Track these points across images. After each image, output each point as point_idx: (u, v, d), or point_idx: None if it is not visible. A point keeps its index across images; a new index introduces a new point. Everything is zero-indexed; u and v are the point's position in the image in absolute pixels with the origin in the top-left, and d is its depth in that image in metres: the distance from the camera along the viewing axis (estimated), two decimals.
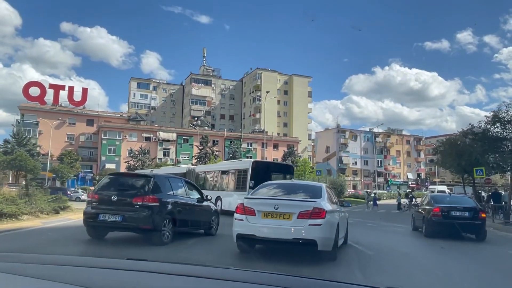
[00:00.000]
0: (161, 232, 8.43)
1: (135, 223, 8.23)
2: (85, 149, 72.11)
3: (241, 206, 7.33)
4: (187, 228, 9.97)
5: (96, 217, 8.40)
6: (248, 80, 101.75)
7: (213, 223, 11.04)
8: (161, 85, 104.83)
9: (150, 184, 8.67)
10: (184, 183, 10.48)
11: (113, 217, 8.24)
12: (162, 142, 72.69)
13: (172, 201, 9.02)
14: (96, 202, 8.68)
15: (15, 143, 56.40)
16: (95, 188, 9.86)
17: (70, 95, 73.48)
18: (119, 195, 8.50)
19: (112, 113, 79.15)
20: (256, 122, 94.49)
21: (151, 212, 8.26)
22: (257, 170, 19.55)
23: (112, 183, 9.12)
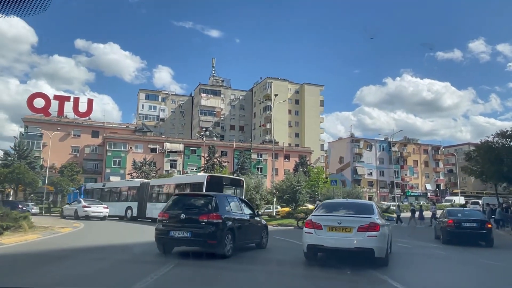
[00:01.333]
0: (224, 245, 9.16)
1: (202, 238, 8.94)
2: (90, 162, 69.35)
3: (309, 222, 8.77)
4: (243, 242, 10.60)
5: (168, 234, 9.17)
6: (258, 90, 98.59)
7: (264, 237, 11.79)
8: (170, 96, 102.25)
9: (213, 203, 9.53)
10: (239, 200, 11.35)
11: (183, 233, 9.02)
12: (169, 153, 69.53)
13: (232, 218, 9.79)
14: (166, 220, 9.46)
15: (15, 155, 53.72)
16: (164, 207, 10.20)
17: (75, 106, 71.05)
18: (186, 213, 9.27)
19: (118, 124, 76.57)
20: (266, 133, 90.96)
21: (215, 228, 9.00)
22: (211, 183, 21.17)
23: (179, 202, 10.01)
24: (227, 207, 9.94)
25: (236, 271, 8.14)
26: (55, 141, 66.83)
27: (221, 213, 9.38)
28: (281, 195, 32.13)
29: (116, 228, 19.76)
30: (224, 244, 9.13)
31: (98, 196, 33.20)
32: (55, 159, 61.80)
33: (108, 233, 15.22)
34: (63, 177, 51.68)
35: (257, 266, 8.95)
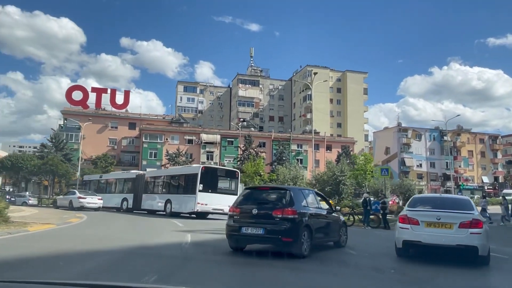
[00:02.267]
0: (301, 244, 8.28)
1: (276, 235, 8.15)
2: (127, 154, 68.13)
3: (405, 217, 8.54)
4: (321, 240, 9.68)
5: (239, 230, 8.46)
6: (298, 79, 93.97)
7: (342, 234, 10.87)
8: (208, 88, 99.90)
9: (287, 197, 8.69)
10: (314, 194, 10.37)
11: (255, 230, 8.28)
12: (205, 144, 66.91)
13: (308, 213, 8.87)
14: (238, 215, 8.71)
15: (52, 147, 52.95)
16: (235, 202, 9.35)
17: (113, 98, 70.10)
18: (259, 209, 8.50)
19: (154, 116, 74.89)
20: (307, 123, 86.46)
21: (291, 225, 8.17)
22: (206, 174, 20.71)
23: (251, 196, 9.27)
24: (302, 202, 9.00)
25: (320, 273, 7.17)
26: (93, 133, 66.10)
27: (297, 208, 8.48)
28: (322, 187, 28.14)
29: (122, 222, 16.92)
30: (300, 242, 8.26)
31: (95, 188, 32.91)
32: (93, 151, 60.82)
33: (122, 230, 12.47)
34: (96, 169, 50.16)
35: (348, 268, 7.91)
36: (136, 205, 26.34)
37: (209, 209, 20.53)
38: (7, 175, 51.37)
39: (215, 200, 20.24)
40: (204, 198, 20.13)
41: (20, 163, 45.79)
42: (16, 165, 45.71)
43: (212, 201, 20.20)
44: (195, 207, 20.13)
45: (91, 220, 15.98)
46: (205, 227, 15.38)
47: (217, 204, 20.16)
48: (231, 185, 21.80)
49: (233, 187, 21.87)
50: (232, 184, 21.90)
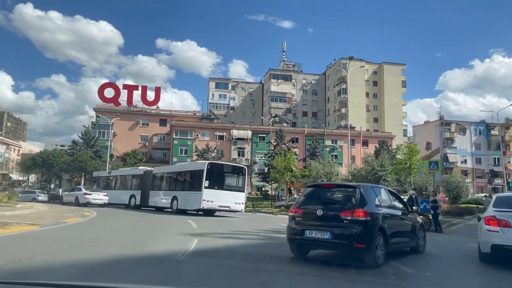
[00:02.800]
0: (375, 251, 7.06)
1: (346, 240, 7.00)
2: (158, 150, 67.25)
3: (493, 218, 7.69)
4: (397, 246, 8.20)
5: (302, 234, 7.41)
6: (332, 73, 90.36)
7: (420, 238, 9.45)
8: (240, 84, 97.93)
9: (357, 195, 7.50)
10: (387, 192, 8.87)
11: (321, 234, 7.21)
12: (236, 140, 64.86)
13: (382, 214, 7.59)
14: (300, 217, 7.66)
15: (82, 144, 52.54)
16: (297, 202, 8.24)
17: (144, 95, 69.44)
18: (324, 209, 7.37)
19: (185, 112, 73.69)
20: (341, 118, 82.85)
21: (363, 228, 6.97)
22: (212, 171, 20.13)
23: (314, 195, 8.15)
24: (375, 201, 7.81)
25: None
26: (124, 130, 65.66)
27: (369, 208, 7.33)
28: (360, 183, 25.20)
29: (124, 221, 15.00)
30: (374, 248, 7.08)
31: (104, 184, 32.62)
32: (125, 148, 60.11)
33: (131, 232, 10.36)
34: (125, 165, 49.17)
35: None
36: (144, 202, 25.89)
37: (215, 206, 20.01)
38: (40, 171, 51.35)
39: (221, 197, 19.80)
40: (210, 195, 19.61)
41: (51, 160, 45.45)
42: (47, 161, 45.38)
43: (219, 198, 19.72)
44: (201, 204, 19.58)
45: (90, 221, 13.91)
46: (220, 229, 13.10)
47: (223, 201, 19.80)
48: (238, 182, 21.30)
49: (240, 184, 21.34)
50: (239, 181, 21.38)
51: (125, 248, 8.08)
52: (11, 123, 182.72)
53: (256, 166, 62.78)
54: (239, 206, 20.84)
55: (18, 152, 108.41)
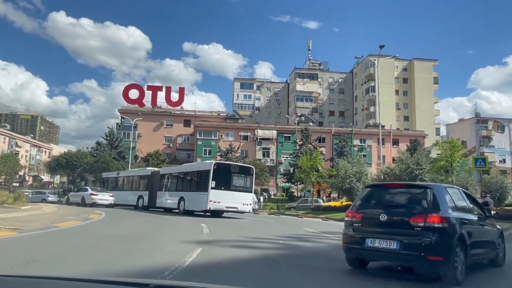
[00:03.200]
0: (454, 265, 5.72)
1: (418, 252, 5.63)
2: (182, 151, 66.31)
3: None
4: (477, 258, 6.71)
5: (362, 243, 6.20)
6: (359, 70, 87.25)
7: (500, 248, 7.79)
8: (265, 84, 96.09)
9: (429, 197, 6.08)
10: (463, 193, 7.31)
11: (386, 244, 5.92)
12: (261, 141, 63.04)
13: (460, 220, 6.19)
14: (359, 223, 6.43)
15: (106, 145, 52.03)
16: (354, 204, 6.99)
17: (168, 96, 68.78)
18: (389, 214, 6.12)
19: (209, 112, 72.51)
20: (370, 117, 79.77)
21: (439, 237, 5.65)
22: (218, 171, 19.72)
23: (375, 196, 6.83)
24: (450, 204, 6.21)
25: None
26: (149, 131, 65.12)
27: (444, 213, 5.82)
28: None
29: (125, 225, 13.38)
30: (453, 262, 5.62)
31: (113, 185, 32.31)
32: (150, 149, 59.24)
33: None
34: (147, 166, 48.23)
35: None
36: (151, 203, 25.45)
37: (222, 207, 19.60)
38: (64, 172, 51.14)
39: (228, 198, 19.36)
40: (217, 196, 19.17)
41: (75, 161, 44.95)
42: (70, 163, 44.92)
43: (226, 199, 19.28)
44: (207, 205, 19.12)
45: (87, 225, 12.21)
46: (233, 234, 11.26)
47: (230, 202, 19.39)
48: (245, 182, 20.87)
49: (248, 184, 20.91)
50: (247, 181, 20.98)
51: (102, 261, 6.34)
52: (44, 127, 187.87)
53: (282, 167, 60.80)
54: (246, 207, 20.35)
55: (49, 154, 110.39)
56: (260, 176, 44.98)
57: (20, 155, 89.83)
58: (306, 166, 28.71)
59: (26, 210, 15.63)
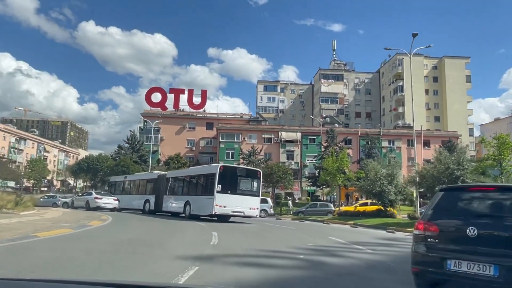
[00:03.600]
0: None
1: None
2: (205, 155, 64.95)
3: None
4: None
5: (442, 265, 4.53)
6: (387, 70, 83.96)
7: None
8: (289, 86, 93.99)
9: None
10: None
11: (478, 268, 4.25)
12: (285, 143, 60.93)
13: None
14: (436, 238, 4.77)
15: (128, 149, 51.24)
16: (426, 212, 5.25)
17: (190, 99, 67.75)
18: (480, 226, 4.42)
19: (231, 115, 71.02)
20: (398, 118, 76.36)
21: None
22: (224, 174, 19.36)
23: (458, 203, 5.04)
24: None
25: None
26: (171, 135, 64.19)
27: None
28: (430, 185, 20.34)
29: (123, 232, 11.74)
30: None
31: (120, 189, 31.69)
32: (172, 153, 58.19)
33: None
34: (169, 170, 47.03)
35: None
36: (158, 207, 24.86)
37: (229, 212, 18.96)
38: (87, 176, 50.62)
39: (234, 202, 18.88)
40: (223, 200, 18.62)
41: (96, 165, 44.18)
42: (92, 166, 44.17)
43: (232, 203, 18.78)
44: (213, 209, 18.51)
45: (76, 234, 10.53)
46: (244, 246, 9.34)
47: (237, 206, 18.89)
48: (252, 186, 20.32)
49: (255, 188, 20.29)
50: (254, 185, 20.41)
51: None
52: (74, 133, 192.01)
53: (306, 170, 58.52)
54: (253, 211, 19.68)
55: (76, 159, 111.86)
56: (283, 179, 42.98)
57: (49, 160, 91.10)
58: (332, 168, 26.52)
59: (24, 216, 14.29)
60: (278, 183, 42.73)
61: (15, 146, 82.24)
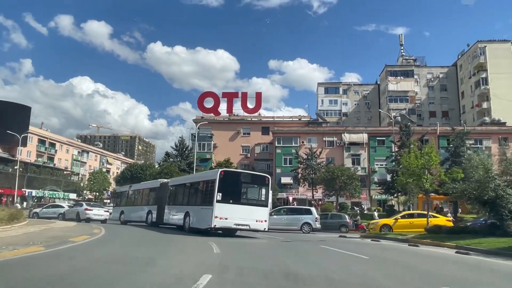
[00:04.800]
0: None
1: None
2: (261, 162, 59.06)
3: None
4: None
5: None
6: (465, 61, 72.69)
7: None
8: (352, 87, 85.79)
9: None
10: None
11: None
12: (349, 146, 53.22)
13: None
14: None
15: (176, 156, 46.86)
16: None
17: (244, 102, 62.58)
18: None
19: (289, 117, 64.62)
20: (483, 114, 64.90)
21: None
22: (226, 180, 16.59)
23: None
24: None
25: None
26: (225, 141, 59.29)
27: None
28: None
29: None
30: None
31: (125, 200, 28.86)
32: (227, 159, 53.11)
33: None
34: None
35: None
36: (160, 219, 22.17)
37: (231, 225, 16.15)
38: None
39: (238, 213, 16.09)
40: (224, 211, 15.83)
41: (139, 173, 40.14)
42: (135, 175, 40.23)
43: (234, 215, 15.99)
44: (212, 221, 15.65)
45: (43, 255, 7.24)
46: None
47: (240, 218, 16.15)
48: (260, 194, 17.43)
49: (263, 197, 17.39)
50: (262, 193, 17.50)
51: None
52: (142, 146, 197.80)
53: (376, 176, 50.21)
54: (260, 224, 16.65)
55: None
56: (348, 186, 35.52)
57: (112, 172, 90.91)
58: (415, 166, 19.06)
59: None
60: (342, 191, 35.31)
61: (78, 158, 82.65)
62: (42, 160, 70.74)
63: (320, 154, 42.71)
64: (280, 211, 26.81)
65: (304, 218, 24.94)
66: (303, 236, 21.63)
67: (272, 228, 21.27)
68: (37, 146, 70.37)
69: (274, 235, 19.53)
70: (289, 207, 31.25)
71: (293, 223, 24.98)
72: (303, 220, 24.87)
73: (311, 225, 24.75)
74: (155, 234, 16.97)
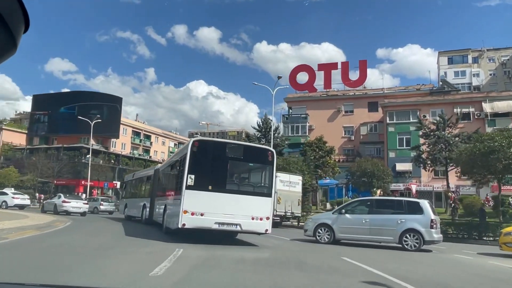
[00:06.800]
0: None
1: None
2: (368, 145, 46.95)
3: None
4: None
5: None
6: None
7: None
8: (485, 53, 67.45)
9: None
10: None
11: None
12: (494, 118, 38.02)
13: None
14: None
15: (256, 138, 37.83)
16: None
17: (344, 74, 50.82)
18: None
19: (403, 88, 50.78)
20: None
21: None
22: (202, 155, 10.14)
23: None
24: None
25: None
26: (323, 122, 48.38)
27: None
28: None
29: None
30: None
31: (129, 191, 24.47)
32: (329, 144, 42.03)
33: None
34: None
35: None
36: (151, 215, 16.08)
37: (210, 225, 9.47)
38: None
39: (222, 207, 9.45)
40: (199, 203, 9.39)
41: None
42: None
43: (216, 209, 9.43)
44: (180, 219, 9.37)
45: None
46: None
47: (226, 214, 9.47)
48: (262, 178, 10.68)
49: (265, 181, 10.53)
50: (263, 175, 10.61)
51: None
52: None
53: None
54: (259, 224, 9.75)
55: None
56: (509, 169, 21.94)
57: None
58: None
59: None
60: (500, 177, 21.89)
61: (175, 151, 79.84)
62: (137, 152, 68.49)
63: (457, 121, 29.07)
64: (357, 206, 13.93)
65: (407, 220, 12.31)
66: (405, 255, 10.26)
67: (342, 237, 12.86)
68: (131, 138, 68.26)
69: (295, 245, 11.68)
70: (376, 198, 17.09)
71: (383, 229, 12.61)
72: (405, 224, 12.31)
73: (422, 235, 12.03)
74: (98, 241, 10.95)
